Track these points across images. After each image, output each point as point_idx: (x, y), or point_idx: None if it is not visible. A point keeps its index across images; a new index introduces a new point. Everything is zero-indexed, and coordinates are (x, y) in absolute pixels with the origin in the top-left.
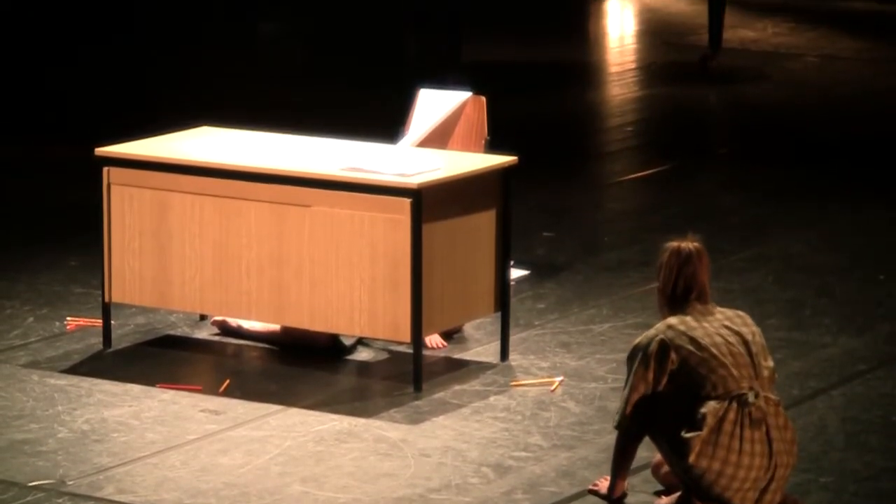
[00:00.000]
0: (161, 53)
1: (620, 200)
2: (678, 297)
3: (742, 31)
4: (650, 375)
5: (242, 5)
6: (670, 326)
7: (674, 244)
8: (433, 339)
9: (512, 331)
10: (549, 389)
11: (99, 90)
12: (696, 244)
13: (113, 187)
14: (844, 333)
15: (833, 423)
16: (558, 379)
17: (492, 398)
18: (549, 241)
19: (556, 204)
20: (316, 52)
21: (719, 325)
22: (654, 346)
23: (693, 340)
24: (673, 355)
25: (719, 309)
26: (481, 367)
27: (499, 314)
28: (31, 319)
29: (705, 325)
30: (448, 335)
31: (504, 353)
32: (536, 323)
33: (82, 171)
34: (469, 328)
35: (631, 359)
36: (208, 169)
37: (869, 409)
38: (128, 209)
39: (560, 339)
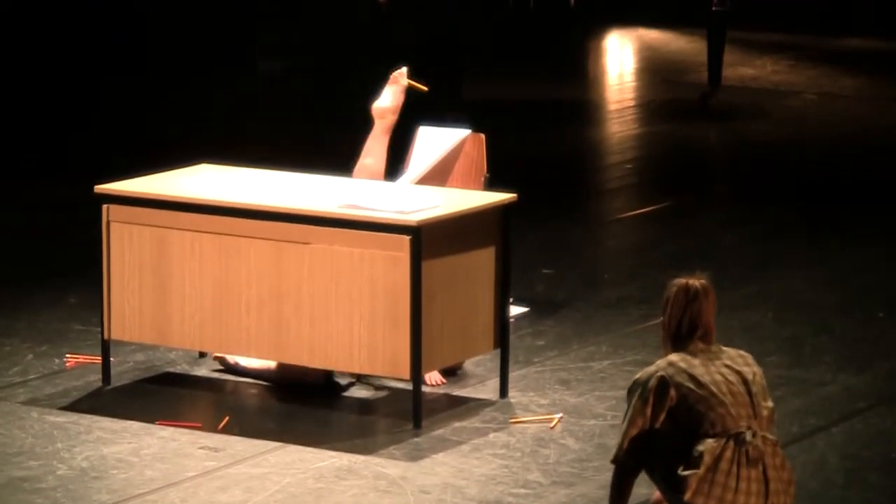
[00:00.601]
0: (161, 91)
1: (620, 238)
2: (682, 335)
3: (742, 69)
4: (648, 411)
5: (243, 43)
6: (671, 363)
7: (682, 281)
8: (432, 377)
9: (511, 368)
10: (548, 426)
11: (99, 128)
12: (703, 282)
13: (112, 225)
14: (844, 371)
15: (833, 461)
16: (557, 416)
17: (491, 435)
18: (549, 278)
19: (555, 241)
20: (316, 89)
21: (720, 364)
22: (653, 382)
23: (693, 378)
24: (672, 392)
25: (722, 348)
26: (480, 404)
27: (498, 351)
28: (30, 356)
29: (706, 363)
30: (449, 372)
31: (503, 390)
32: (536, 360)
33: (82, 209)
34: (468, 365)
35: (630, 393)
36: (208, 206)
37: (869, 447)
38: (127, 246)
39: (559, 376)
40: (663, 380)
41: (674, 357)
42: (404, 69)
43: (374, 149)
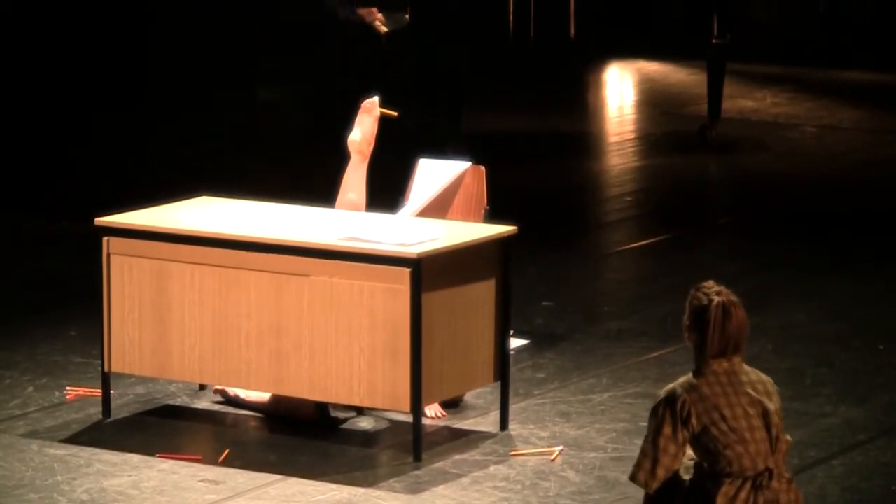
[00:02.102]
0: (160, 122)
1: (620, 270)
2: (709, 354)
3: (741, 101)
4: (680, 437)
5: (243, 72)
6: (694, 388)
7: (713, 297)
8: (433, 409)
9: (511, 400)
10: (548, 459)
11: (98, 159)
12: (732, 297)
13: (112, 257)
14: (844, 403)
15: (833, 493)
16: (558, 448)
17: (491, 468)
18: (549, 310)
19: (555, 273)
20: (315, 120)
21: (742, 393)
22: (682, 411)
23: (716, 408)
24: (694, 421)
25: (745, 369)
26: (481, 437)
27: (498, 383)
28: (30, 389)
29: (729, 391)
30: (449, 405)
31: (504, 423)
32: (536, 392)
33: (82, 241)
34: (469, 397)
35: (661, 419)
36: (208, 239)
37: (869, 479)
38: (127, 279)
39: (559, 409)
40: (686, 405)
41: (697, 381)
42: (375, 98)
43: (354, 182)
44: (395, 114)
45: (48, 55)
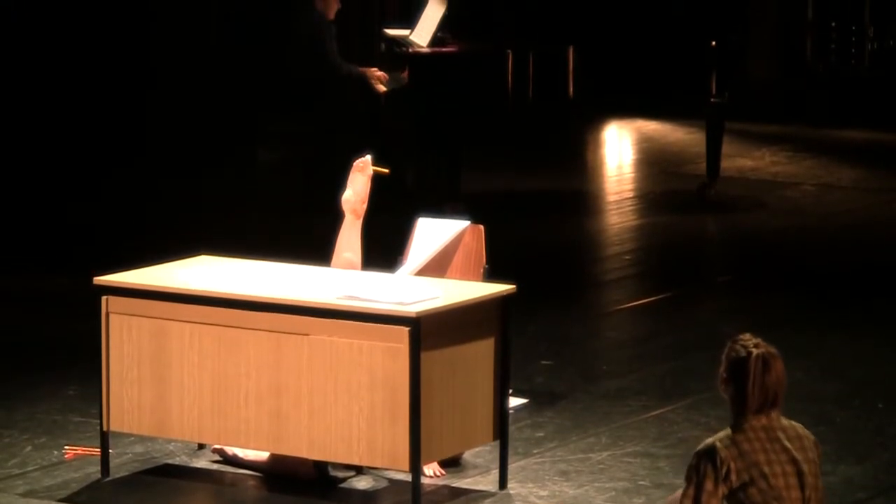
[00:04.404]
0: (160, 181)
1: (619, 329)
2: (749, 408)
3: (740, 160)
4: (720, 492)
5: (242, 133)
6: (735, 443)
7: (751, 349)
8: (432, 468)
9: (511, 459)
10: None
11: (97, 219)
12: (771, 349)
13: (112, 316)
14: (844, 462)
15: None
16: None
17: None
18: (548, 369)
19: (554, 332)
20: (315, 179)
21: (779, 449)
22: (719, 465)
23: (756, 465)
24: (733, 477)
25: (783, 424)
26: (480, 496)
27: (497, 442)
28: (29, 448)
29: (766, 448)
30: (449, 463)
31: (503, 482)
32: (535, 451)
33: (81, 300)
34: (468, 456)
35: (704, 476)
36: (207, 298)
37: None
38: (126, 338)
39: (559, 468)
40: (726, 461)
41: (736, 437)
42: (368, 157)
43: (350, 241)
44: (387, 171)
45: (47, 115)
